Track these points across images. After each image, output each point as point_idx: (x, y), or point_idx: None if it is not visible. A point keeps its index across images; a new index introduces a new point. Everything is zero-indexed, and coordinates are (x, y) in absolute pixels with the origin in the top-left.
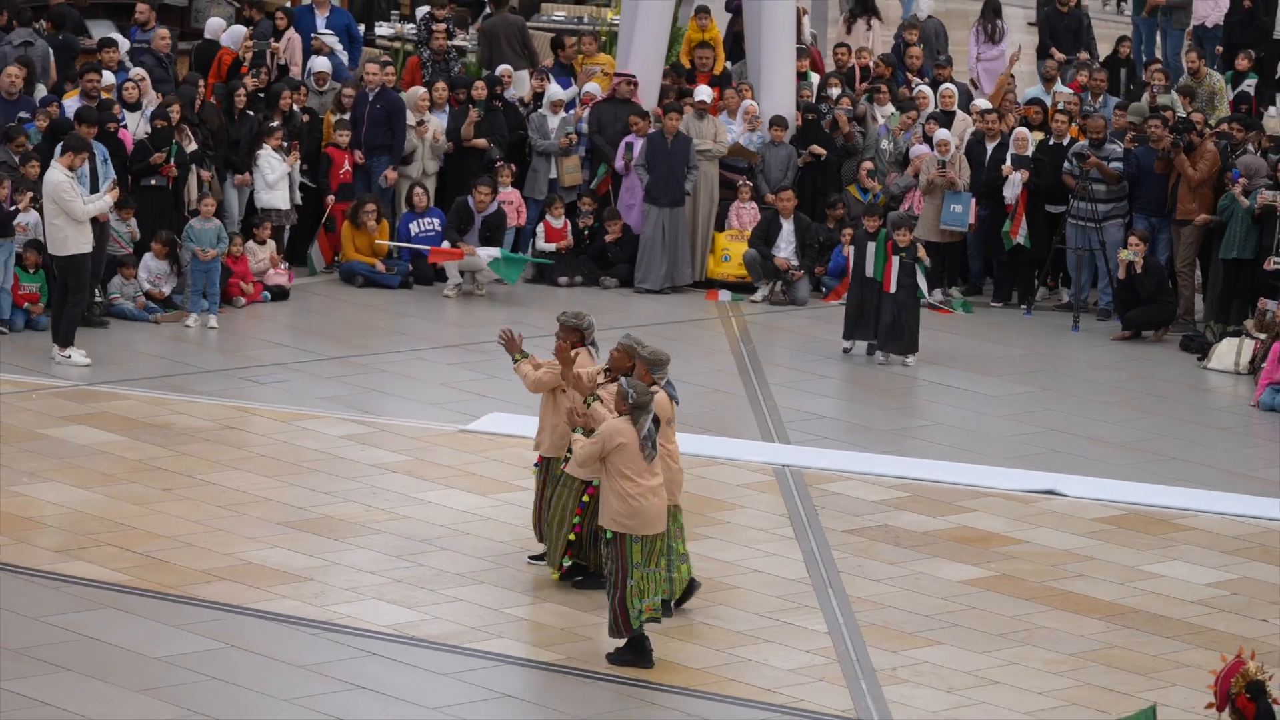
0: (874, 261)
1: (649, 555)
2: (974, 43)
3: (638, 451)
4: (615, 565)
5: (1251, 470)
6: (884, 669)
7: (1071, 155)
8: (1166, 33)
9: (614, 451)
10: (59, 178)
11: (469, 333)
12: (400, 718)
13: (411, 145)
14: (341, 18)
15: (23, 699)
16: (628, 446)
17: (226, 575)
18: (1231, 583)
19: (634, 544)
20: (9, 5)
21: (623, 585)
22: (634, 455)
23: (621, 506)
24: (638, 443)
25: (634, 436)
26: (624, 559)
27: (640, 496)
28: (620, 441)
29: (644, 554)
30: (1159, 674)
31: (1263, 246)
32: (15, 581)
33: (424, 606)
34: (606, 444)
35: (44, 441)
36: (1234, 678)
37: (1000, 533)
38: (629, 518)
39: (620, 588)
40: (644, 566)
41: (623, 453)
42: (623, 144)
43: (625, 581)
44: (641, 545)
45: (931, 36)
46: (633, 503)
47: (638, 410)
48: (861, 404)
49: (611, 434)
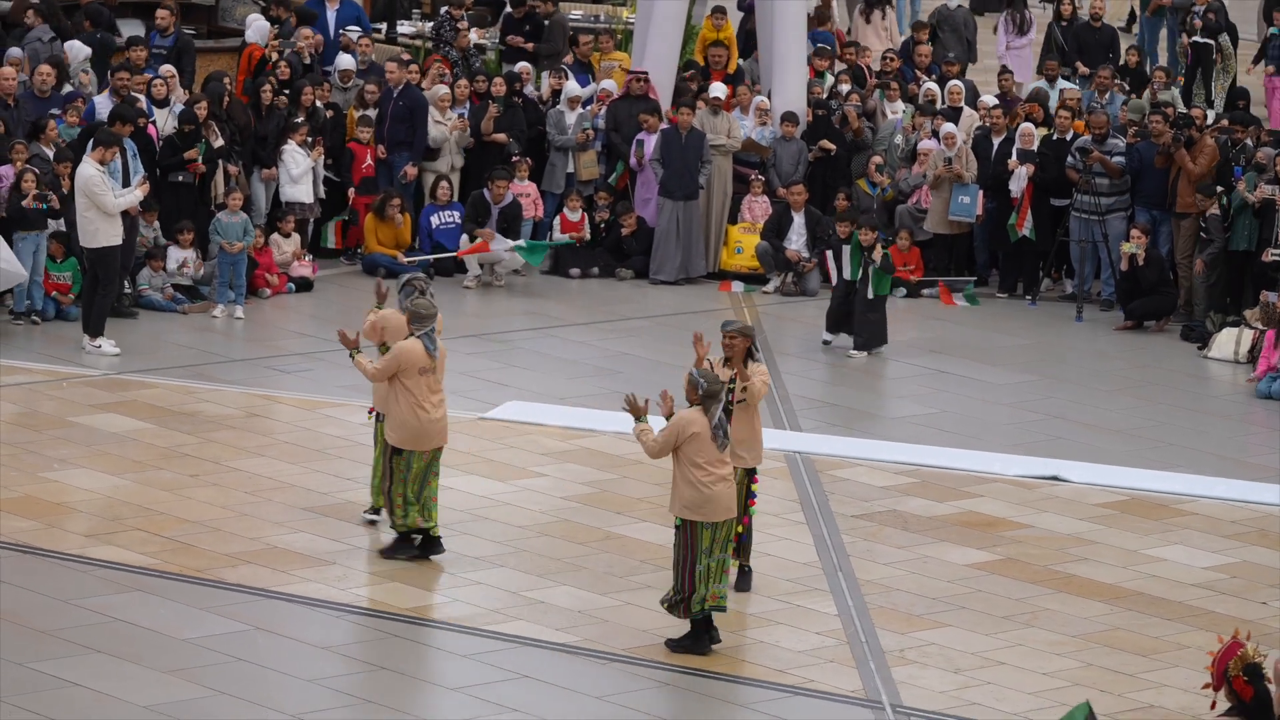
0: (850, 264)
1: (716, 543)
2: (1003, 32)
3: (710, 440)
4: (683, 553)
5: (1250, 457)
6: (892, 650)
7: (1075, 150)
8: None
9: (687, 441)
10: (90, 172)
11: (488, 323)
12: (421, 698)
13: (440, 139)
14: (351, 9)
15: (54, 679)
16: (700, 436)
17: (252, 559)
18: (1230, 566)
19: (704, 531)
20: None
21: (691, 571)
22: (706, 444)
23: (693, 495)
24: (709, 431)
25: (706, 426)
26: (693, 546)
27: (712, 484)
28: (693, 431)
29: (712, 541)
30: (1160, 655)
31: (1262, 239)
32: (47, 565)
33: (444, 589)
34: (680, 434)
35: (75, 429)
36: (1231, 660)
37: (1005, 518)
38: (700, 505)
39: (689, 575)
40: (711, 554)
41: (695, 442)
42: (635, 141)
43: (694, 568)
44: (712, 532)
45: (961, 25)
46: (704, 490)
47: (709, 399)
48: (870, 392)
49: (685, 424)
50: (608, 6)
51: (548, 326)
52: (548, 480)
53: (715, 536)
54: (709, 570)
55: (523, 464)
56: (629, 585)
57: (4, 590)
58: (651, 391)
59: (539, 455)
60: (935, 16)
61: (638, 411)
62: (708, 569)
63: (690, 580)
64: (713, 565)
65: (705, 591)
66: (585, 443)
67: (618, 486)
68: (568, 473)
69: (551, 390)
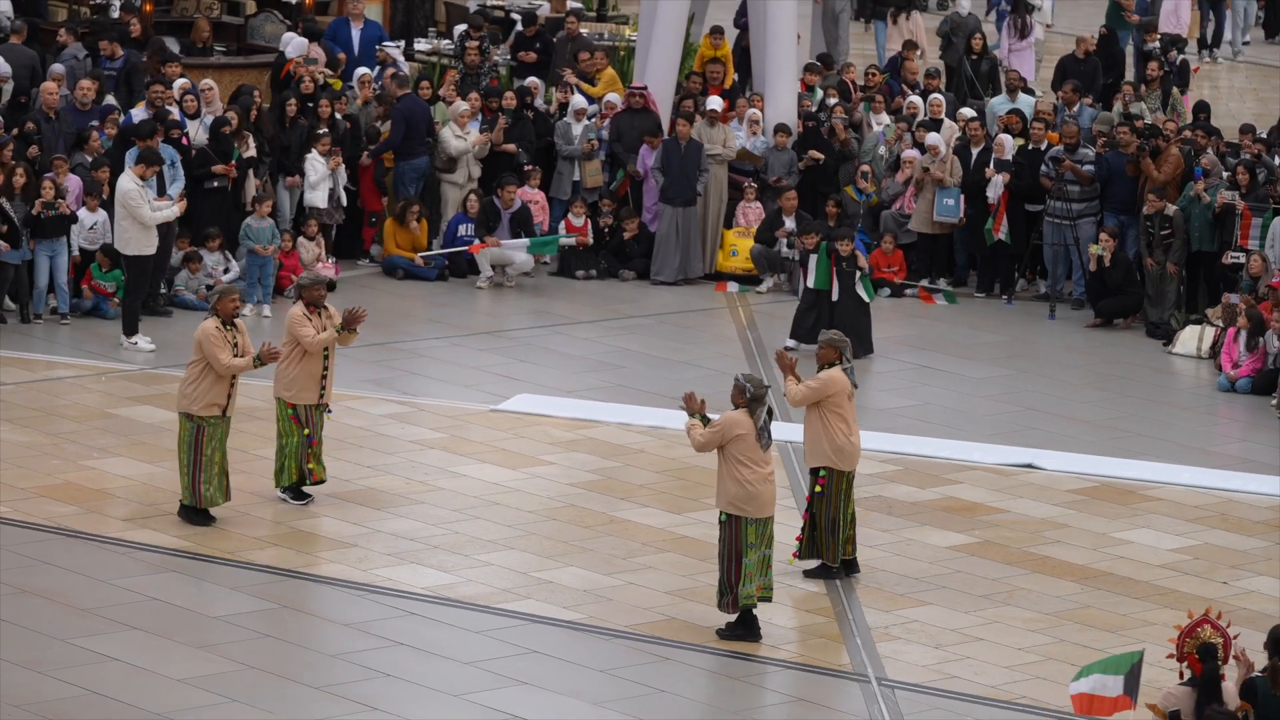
0: (815, 273)
1: (762, 538)
2: (1005, 36)
3: (755, 440)
4: (728, 547)
5: (1212, 445)
6: (878, 627)
7: (1048, 159)
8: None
9: (733, 441)
10: (129, 185)
11: (499, 321)
12: (437, 672)
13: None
14: (374, 29)
15: (93, 654)
16: (746, 437)
17: (278, 542)
18: (1194, 548)
19: (749, 526)
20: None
21: (737, 566)
22: (751, 444)
23: (739, 491)
24: (754, 433)
25: (751, 427)
26: (738, 541)
27: (757, 483)
28: (739, 432)
29: (758, 536)
30: (1128, 631)
31: (1223, 242)
32: (87, 547)
33: (459, 570)
34: (726, 433)
35: (113, 420)
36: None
37: (983, 503)
38: (745, 502)
39: (735, 568)
40: (757, 548)
41: (741, 442)
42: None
43: (742, 562)
44: (756, 528)
45: (972, 31)
46: (749, 488)
47: (754, 403)
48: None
49: (731, 425)
50: (611, 25)
51: (555, 324)
52: (555, 468)
53: (761, 532)
54: (755, 564)
55: (532, 453)
56: (632, 566)
57: (47, 571)
58: (654, 383)
59: (547, 445)
60: (947, 23)
61: (694, 408)
62: (755, 563)
63: (736, 573)
64: (758, 559)
65: (751, 586)
66: (591, 433)
67: (621, 474)
68: (574, 461)
69: (559, 384)
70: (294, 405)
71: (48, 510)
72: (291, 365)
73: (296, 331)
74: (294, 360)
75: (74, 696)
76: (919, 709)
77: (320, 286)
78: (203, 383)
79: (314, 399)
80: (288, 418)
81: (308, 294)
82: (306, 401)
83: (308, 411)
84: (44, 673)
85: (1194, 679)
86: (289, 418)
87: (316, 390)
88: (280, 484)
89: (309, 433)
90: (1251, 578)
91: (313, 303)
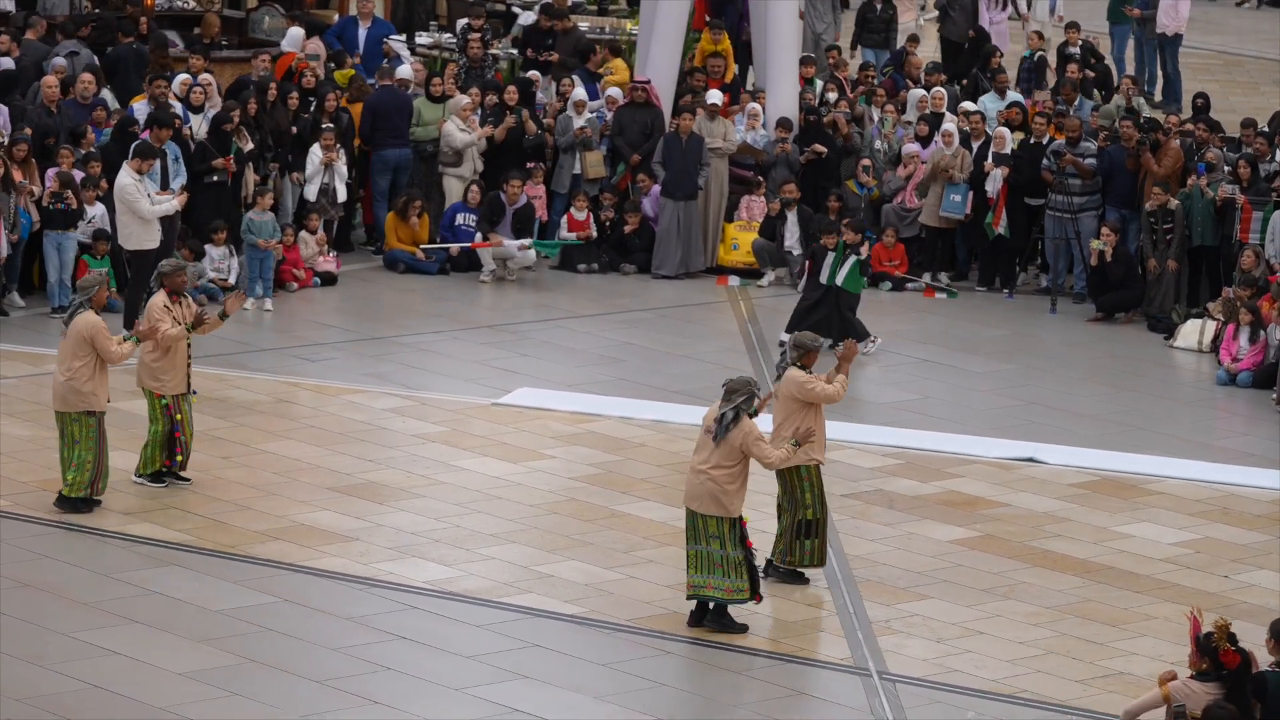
0: (829, 270)
1: (695, 531)
2: (984, 9)
3: (705, 429)
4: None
5: (1213, 440)
6: (879, 621)
7: (1050, 153)
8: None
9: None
10: (125, 180)
11: (501, 315)
12: (438, 666)
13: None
14: (382, 27)
15: (94, 648)
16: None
17: (280, 536)
18: (1195, 542)
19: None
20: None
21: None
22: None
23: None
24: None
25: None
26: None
27: (690, 471)
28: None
29: (689, 528)
30: (1129, 625)
31: (1224, 236)
32: (88, 541)
33: (460, 564)
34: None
35: (114, 414)
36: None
37: (985, 497)
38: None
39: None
40: (692, 541)
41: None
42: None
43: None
44: (688, 518)
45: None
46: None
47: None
48: (858, 380)
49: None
50: (612, 19)
51: (556, 318)
52: (557, 462)
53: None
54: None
55: (533, 446)
56: (633, 560)
57: (49, 565)
58: (655, 377)
59: (549, 438)
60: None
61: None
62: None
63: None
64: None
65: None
66: (592, 427)
67: (622, 468)
68: (575, 455)
69: (560, 377)
70: (162, 396)
71: (49, 504)
72: (156, 357)
73: (155, 324)
74: (159, 353)
75: (75, 690)
76: (920, 703)
77: (182, 274)
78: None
79: (183, 388)
80: (161, 406)
81: (170, 281)
82: (176, 392)
83: (176, 401)
84: (45, 666)
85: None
86: (162, 407)
87: (184, 379)
88: (144, 473)
89: (181, 418)
90: (1253, 571)
91: (175, 290)
